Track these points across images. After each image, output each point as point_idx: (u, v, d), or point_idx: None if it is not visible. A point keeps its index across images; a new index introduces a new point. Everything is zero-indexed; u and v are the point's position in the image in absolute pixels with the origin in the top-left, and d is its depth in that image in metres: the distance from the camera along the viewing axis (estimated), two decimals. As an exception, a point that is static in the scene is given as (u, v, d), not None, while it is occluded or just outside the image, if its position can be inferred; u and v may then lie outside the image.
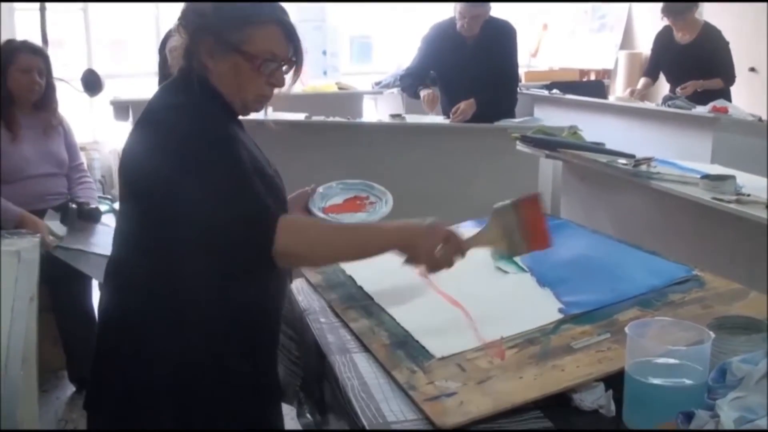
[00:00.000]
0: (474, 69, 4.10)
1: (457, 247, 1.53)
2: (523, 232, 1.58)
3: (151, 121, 1.47)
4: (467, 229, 2.23)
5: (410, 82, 4.37)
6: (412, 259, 1.52)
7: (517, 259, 1.94)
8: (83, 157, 3.67)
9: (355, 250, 1.52)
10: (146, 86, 3.50)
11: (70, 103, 3.49)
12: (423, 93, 4.23)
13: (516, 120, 4.26)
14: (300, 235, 1.44)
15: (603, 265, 1.87)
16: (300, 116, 4.27)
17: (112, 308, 1.55)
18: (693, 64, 4.80)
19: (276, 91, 1.54)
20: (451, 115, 4.15)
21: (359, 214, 1.97)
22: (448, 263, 1.53)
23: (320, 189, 1.95)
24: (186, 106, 1.45)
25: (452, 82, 4.23)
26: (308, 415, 1.82)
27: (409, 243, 1.50)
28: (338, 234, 1.52)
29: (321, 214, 1.87)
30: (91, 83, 3.96)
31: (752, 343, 1.34)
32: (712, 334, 1.30)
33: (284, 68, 1.52)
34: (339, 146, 4.01)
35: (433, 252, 1.51)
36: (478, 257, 1.99)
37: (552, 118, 4.82)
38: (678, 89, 4.80)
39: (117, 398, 1.52)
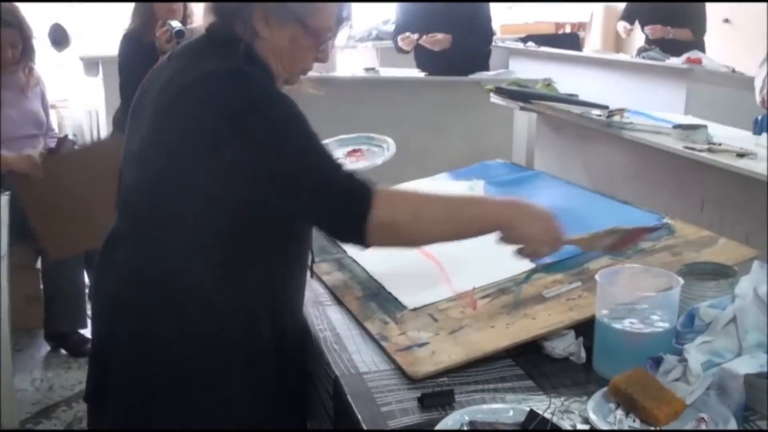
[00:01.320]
0: (447, 18, 4.08)
1: (557, 241, 1.38)
2: (611, 244, 1.50)
3: (205, 88, 1.27)
4: (449, 181, 2.23)
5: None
6: (513, 240, 1.36)
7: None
8: (54, 115, 3.64)
9: (461, 225, 1.35)
10: (115, 42, 3.44)
11: (40, 61, 3.43)
12: (399, 36, 4.23)
13: (490, 72, 4.24)
14: (403, 203, 1.31)
15: (576, 215, 1.85)
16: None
17: (128, 289, 1.37)
18: (664, 11, 4.81)
19: None
20: (425, 38, 4.13)
21: (360, 163, 1.92)
22: (545, 252, 1.40)
23: None
24: (247, 73, 1.27)
25: (428, 32, 4.19)
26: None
27: (519, 223, 1.35)
28: (445, 205, 1.35)
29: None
30: (59, 38, 3.89)
31: (720, 289, 1.35)
32: (681, 281, 1.31)
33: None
34: (311, 101, 3.95)
35: (539, 237, 1.36)
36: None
37: (527, 70, 4.79)
38: (646, 29, 4.82)
39: (125, 387, 1.38)
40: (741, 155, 2.23)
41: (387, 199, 1.29)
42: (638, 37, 5.35)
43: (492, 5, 4.36)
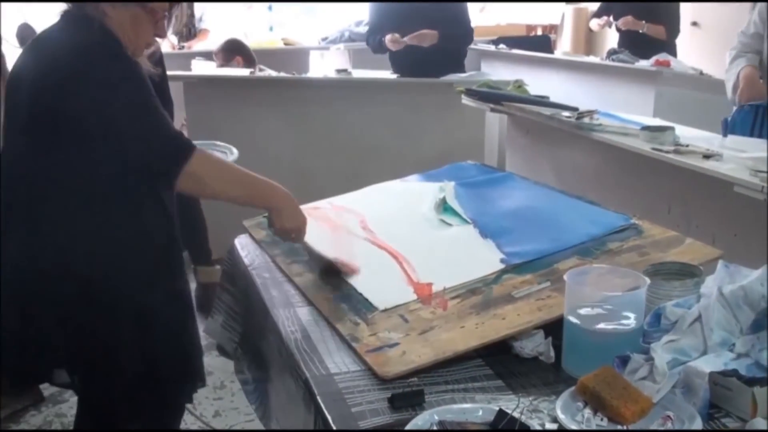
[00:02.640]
0: (428, 16, 4.06)
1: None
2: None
3: (64, 56, 1.50)
4: (419, 182, 2.24)
5: (376, 38, 4.27)
6: (276, 219, 1.67)
7: (460, 210, 1.94)
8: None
9: (247, 197, 1.66)
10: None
11: (10, 61, 3.37)
12: (387, 37, 4.15)
13: (462, 75, 4.24)
14: (212, 165, 1.61)
15: (544, 216, 1.88)
16: (245, 72, 4.20)
17: (40, 253, 1.55)
18: (639, 8, 4.81)
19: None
20: (410, 37, 4.09)
21: None
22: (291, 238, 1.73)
23: None
24: (99, 44, 1.51)
25: (408, 32, 4.16)
26: (246, 371, 1.81)
27: (286, 205, 1.67)
28: (241, 179, 1.64)
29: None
30: (27, 38, 3.82)
31: (685, 288, 1.37)
32: (648, 280, 1.33)
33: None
34: (284, 102, 3.96)
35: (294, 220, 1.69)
36: (423, 210, 2.01)
37: (499, 72, 4.82)
38: (619, 21, 4.83)
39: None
40: (707, 156, 2.26)
41: (203, 155, 1.57)
42: (609, 39, 5.40)
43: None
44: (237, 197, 1.66)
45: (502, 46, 5.41)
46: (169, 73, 3.12)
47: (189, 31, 5.56)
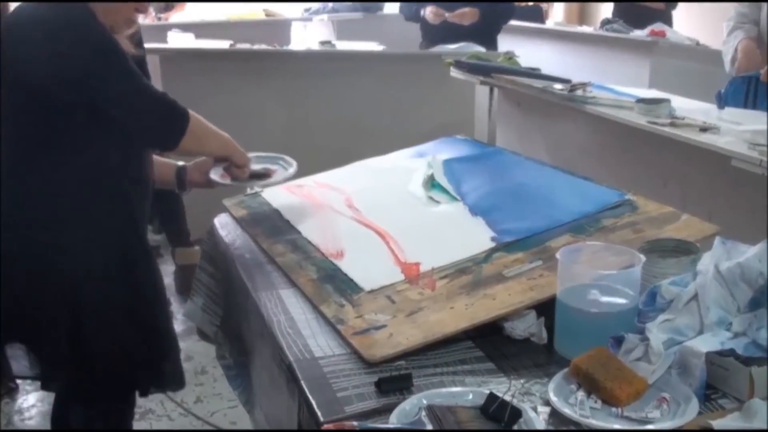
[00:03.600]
0: None
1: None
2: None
3: (47, 27, 1.56)
4: (407, 159, 2.23)
5: (413, 7, 4.43)
6: (231, 164, 1.85)
7: (449, 187, 1.94)
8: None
9: (220, 146, 1.83)
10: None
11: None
12: (429, 8, 4.30)
13: (451, 46, 4.23)
14: (202, 125, 1.75)
15: (536, 193, 1.88)
16: (224, 44, 4.16)
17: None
18: None
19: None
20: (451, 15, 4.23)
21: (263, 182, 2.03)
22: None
23: None
24: (79, 16, 1.56)
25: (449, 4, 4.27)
26: (228, 356, 1.81)
27: (236, 152, 1.85)
28: (216, 132, 1.81)
29: (220, 180, 1.93)
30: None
31: (681, 266, 1.37)
32: (643, 258, 1.32)
33: None
34: (266, 76, 3.93)
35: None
36: (410, 187, 2.00)
37: (488, 43, 4.78)
38: None
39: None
40: (704, 129, 2.26)
41: (195, 117, 1.71)
42: (603, 9, 5.38)
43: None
44: (212, 151, 1.84)
45: (492, 16, 5.37)
46: (145, 46, 3.08)
47: (166, 2, 5.51)
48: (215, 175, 1.93)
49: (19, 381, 2.84)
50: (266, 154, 2.05)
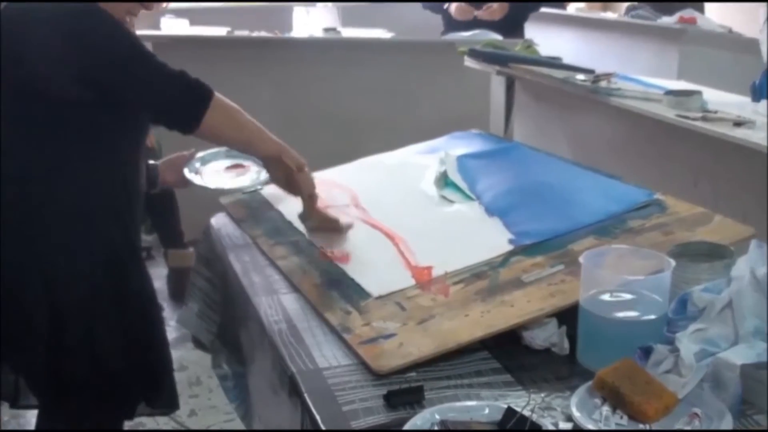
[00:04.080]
0: None
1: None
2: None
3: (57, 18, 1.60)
4: (418, 155, 2.23)
5: None
6: (276, 171, 1.82)
7: (463, 185, 1.94)
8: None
9: (247, 143, 1.81)
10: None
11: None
12: (454, 6, 4.40)
13: (465, 33, 4.23)
14: (228, 108, 1.72)
15: (557, 191, 1.87)
16: (221, 31, 4.17)
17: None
18: None
19: None
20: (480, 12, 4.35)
21: (240, 179, 2.08)
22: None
23: (200, 154, 2.07)
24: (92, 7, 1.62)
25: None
26: (224, 366, 1.81)
27: (283, 156, 1.78)
28: (250, 125, 1.76)
29: (194, 179, 1.99)
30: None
31: (714, 271, 1.37)
32: (673, 262, 1.32)
33: None
34: (266, 65, 3.93)
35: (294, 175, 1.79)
36: (421, 185, 2.00)
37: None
38: None
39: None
40: (738, 124, 2.25)
41: (220, 102, 1.70)
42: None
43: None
44: (248, 141, 1.79)
45: (509, 1, 5.37)
46: (137, 32, 3.09)
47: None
48: (190, 172, 1.94)
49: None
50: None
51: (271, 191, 2.08)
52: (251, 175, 2.09)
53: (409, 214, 1.86)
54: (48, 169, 1.62)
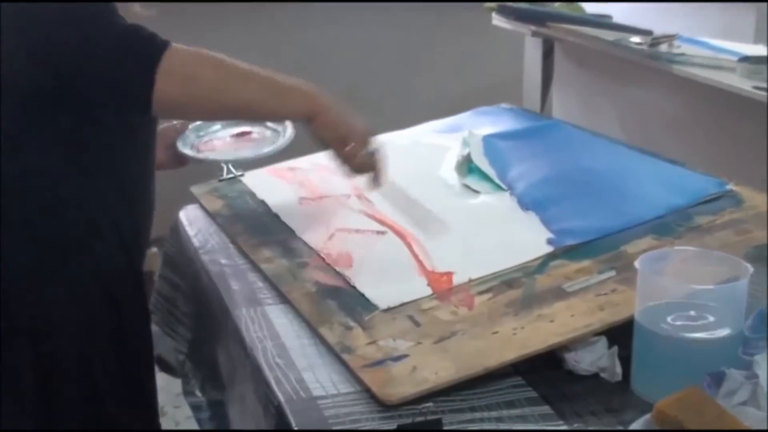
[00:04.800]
0: None
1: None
2: None
3: None
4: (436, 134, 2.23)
5: None
6: (324, 130, 1.68)
7: (490, 172, 1.94)
8: None
9: (270, 91, 1.66)
10: None
11: None
12: None
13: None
14: (200, 54, 1.57)
15: (607, 180, 1.88)
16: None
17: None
18: None
19: None
20: None
21: (245, 150, 2.05)
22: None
23: (194, 124, 2.04)
24: None
25: None
26: (198, 393, 1.82)
27: (324, 105, 1.68)
28: (249, 67, 1.64)
29: (194, 154, 1.97)
30: None
31: (803, 279, 1.36)
32: (750, 268, 1.31)
33: None
34: (252, 23, 3.94)
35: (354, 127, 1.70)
36: (440, 173, 2.00)
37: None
38: None
39: None
40: (830, 98, 2.25)
41: (181, 48, 1.54)
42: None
43: None
44: (253, 101, 1.64)
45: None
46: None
47: None
48: (185, 146, 1.93)
49: None
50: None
51: (255, 179, 2.08)
52: (271, 137, 2.06)
53: (425, 208, 1.86)
54: (24, 180, 1.58)
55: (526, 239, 1.68)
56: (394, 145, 2.22)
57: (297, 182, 2.06)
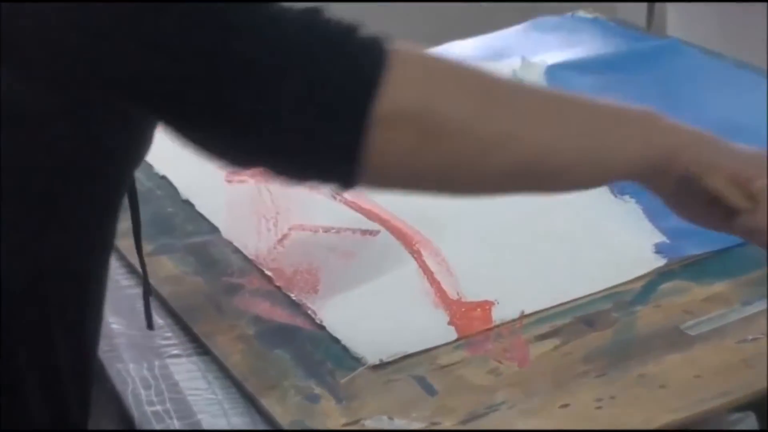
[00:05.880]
0: None
1: None
2: None
3: None
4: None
5: None
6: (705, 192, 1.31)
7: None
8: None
9: (583, 134, 1.31)
10: None
11: None
12: None
13: None
14: (439, 72, 1.27)
15: (757, 145, 1.87)
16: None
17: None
18: None
19: None
20: None
21: None
22: None
23: None
24: None
25: None
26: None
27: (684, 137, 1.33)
28: (536, 92, 1.38)
29: None
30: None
31: None
32: None
33: None
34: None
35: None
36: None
37: None
38: None
39: None
40: None
41: (406, 54, 1.24)
42: None
43: None
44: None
45: None
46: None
47: None
48: None
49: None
50: None
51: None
52: None
53: (454, 210, 1.84)
54: None
55: (621, 246, 1.70)
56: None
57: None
